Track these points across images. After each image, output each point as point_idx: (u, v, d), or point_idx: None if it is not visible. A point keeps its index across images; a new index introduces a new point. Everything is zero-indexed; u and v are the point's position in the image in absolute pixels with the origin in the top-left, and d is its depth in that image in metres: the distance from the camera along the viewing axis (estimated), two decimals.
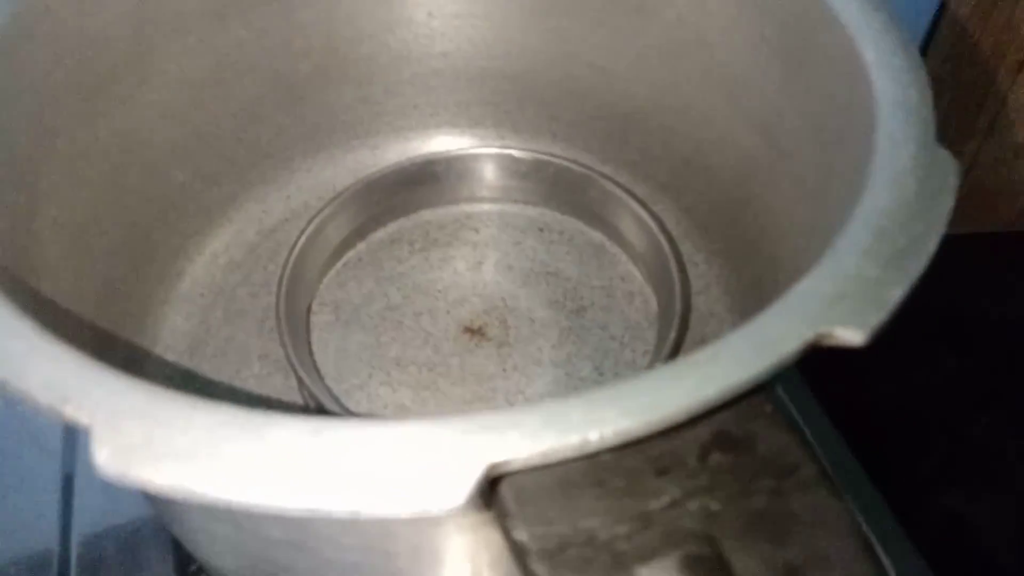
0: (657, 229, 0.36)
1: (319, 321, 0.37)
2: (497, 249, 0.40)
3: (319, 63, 0.38)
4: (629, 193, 0.38)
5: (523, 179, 0.40)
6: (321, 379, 0.35)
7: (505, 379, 0.35)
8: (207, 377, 0.35)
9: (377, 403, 0.35)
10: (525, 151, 0.40)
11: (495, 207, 0.41)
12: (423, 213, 0.41)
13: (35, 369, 0.19)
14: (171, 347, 0.36)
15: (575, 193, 0.40)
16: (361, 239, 0.40)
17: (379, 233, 0.40)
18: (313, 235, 0.36)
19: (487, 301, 0.38)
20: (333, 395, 0.34)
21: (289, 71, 0.38)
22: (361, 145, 0.42)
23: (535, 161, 0.40)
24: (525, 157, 0.40)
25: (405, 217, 0.41)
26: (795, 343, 0.18)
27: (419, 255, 0.39)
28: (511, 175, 0.40)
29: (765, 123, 0.33)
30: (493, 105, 0.42)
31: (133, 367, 0.34)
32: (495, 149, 0.40)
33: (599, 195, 0.39)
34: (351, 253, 0.39)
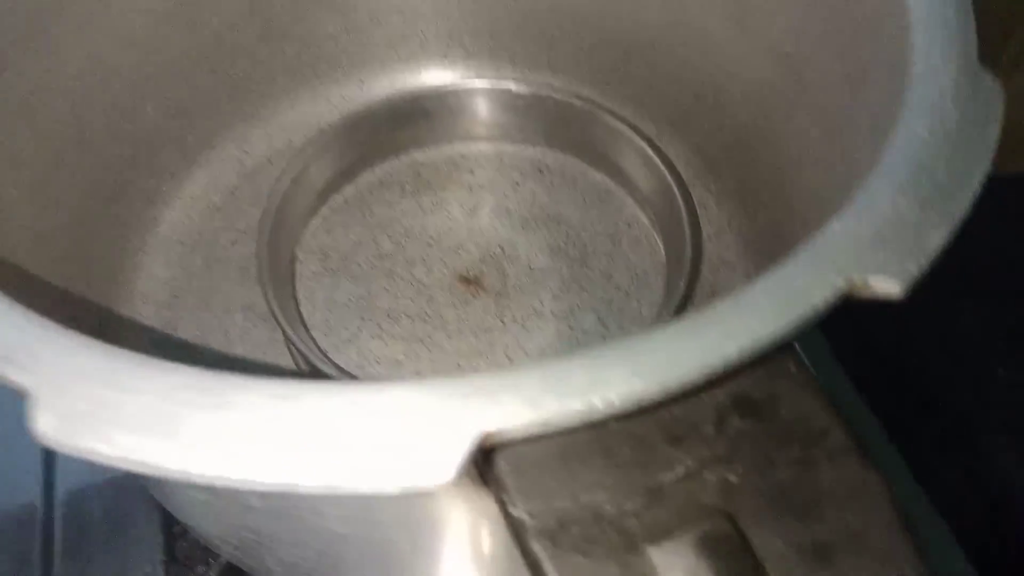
0: (665, 169, 0.34)
1: (305, 270, 0.35)
2: (494, 192, 0.37)
3: None
4: (635, 130, 0.35)
5: (521, 115, 0.38)
6: (308, 333, 0.33)
7: (503, 332, 0.33)
8: (187, 330, 0.33)
9: (368, 357, 0.33)
10: (523, 85, 0.37)
11: (491, 146, 0.39)
12: (414, 153, 0.38)
13: None
14: (149, 297, 0.34)
15: (577, 131, 0.37)
16: (348, 181, 0.37)
17: (367, 175, 0.38)
18: (295, 177, 0.34)
19: (484, 249, 0.36)
20: (321, 350, 0.32)
21: None
22: (347, 79, 0.39)
23: (534, 96, 0.37)
24: (523, 92, 0.37)
25: (395, 157, 0.38)
26: (826, 294, 0.16)
27: (411, 199, 0.37)
28: (508, 111, 0.38)
29: (782, 50, 0.30)
30: (488, 35, 0.39)
31: (106, 319, 0.32)
32: (490, 83, 0.37)
33: (603, 133, 0.36)
34: (337, 197, 0.37)
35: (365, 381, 0.15)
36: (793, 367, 0.17)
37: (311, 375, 0.31)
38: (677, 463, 0.16)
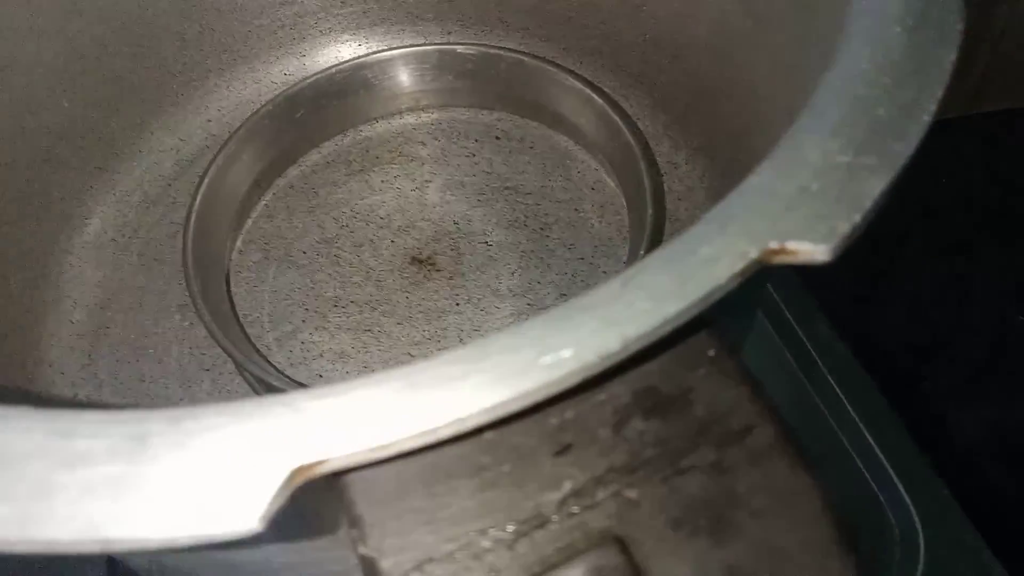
0: (624, 125, 0.31)
1: (246, 261, 0.33)
2: (447, 164, 0.35)
3: None
4: (592, 87, 0.32)
5: (472, 79, 0.35)
6: (244, 331, 0.30)
7: (458, 314, 0.31)
8: (120, 333, 0.31)
9: (312, 351, 0.30)
10: (471, 45, 0.34)
11: (443, 115, 0.36)
12: (361, 128, 0.36)
13: None
14: (79, 302, 0.32)
15: (532, 92, 0.34)
16: (291, 164, 0.35)
17: (312, 155, 0.35)
18: (226, 163, 0.32)
19: (436, 226, 0.33)
20: (252, 345, 0.30)
21: None
22: (286, 54, 0.36)
23: (482, 56, 0.34)
24: (470, 53, 0.34)
25: (341, 135, 0.36)
26: (734, 265, 0.13)
27: (358, 177, 0.35)
28: (457, 75, 0.35)
29: None
30: None
31: (31, 326, 0.30)
32: (435, 46, 0.34)
33: (558, 92, 0.33)
34: (281, 181, 0.35)
35: (173, 409, 0.12)
36: (712, 350, 0.15)
37: (251, 377, 0.29)
38: (565, 479, 0.13)
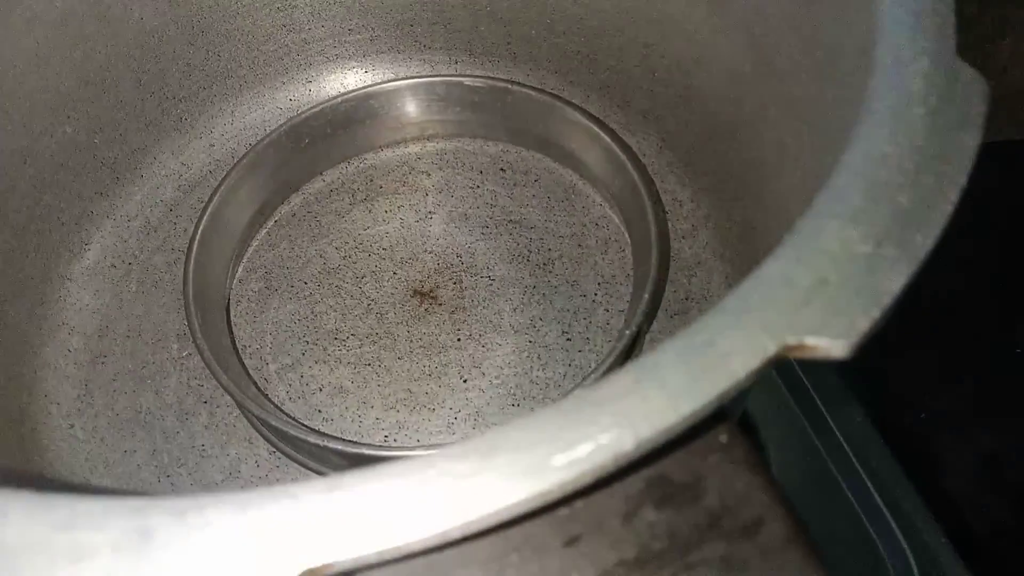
0: (630, 163, 0.31)
1: (247, 291, 0.33)
2: (451, 195, 0.34)
3: None
4: (599, 123, 0.32)
5: (478, 111, 0.35)
6: (243, 365, 0.30)
7: (459, 350, 0.31)
8: (118, 362, 0.31)
9: (311, 385, 0.30)
10: (478, 78, 0.34)
11: (449, 145, 0.36)
12: (365, 157, 0.35)
13: None
14: (77, 329, 0.31)
15: (539, 125, 0.34)
16: (294, 191, 0.35)
17: (315, 183, 0.35)
18: (229, 191, 0.31)
19: (440, 258, 0.33)
20: (251, 379, 0.29)
21: None
22: (292, 80, 0.36)
23: (490, 88, 0.34)
24: (478, 85, 0.34)
25: (345, 163, 0.35)
26: (752, 361, 0.13)
27: (361, 206, 0.34)
28: (464, 107, 0.34)
29: (752, 33, 0.27)
30: (442, 24, 0.36)
31: (26, 354, 0.30)
32: (443, 77, 0.34)
33: (566, 127, 0.33)
34: (283, 209, 0.34)
35: (177, 499, 0.12)
36: (724, 437, 0.14)
37: (250, 413, 0.29)
38: (572, 572, 0.13)
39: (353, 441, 0.27)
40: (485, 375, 0.30)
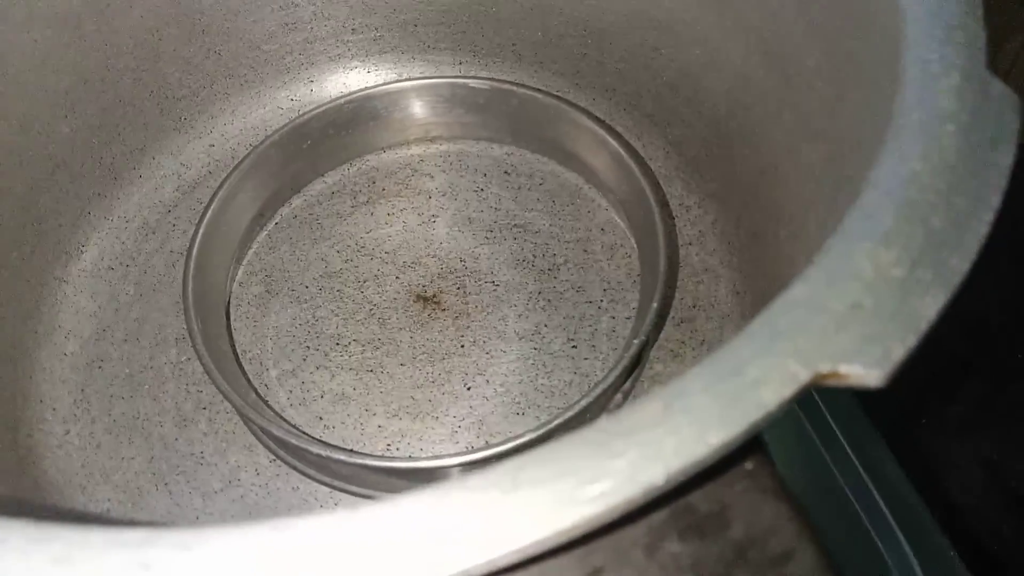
0: (637, 168, 0.30)
1: (247, 294, 0.32)
2: (455, 198, 0.34)
3: None
4: (605, 126, 0.32)
5: (483, 113, 0.34)
6: (242, 370, 0.30)
7: (463, 356, 0.30)
8: (115, 368, 0.30)
9: (312, 391, 0.30)
10: (483, 79, 0.33)
11: (452, 147, 0.35)
12: (368, 158, 0.35)
13: None
14: (73, 333, 0.31)
15: (544, 127, 0.33)
16: (296, 193, 0.34)
17: (317, 185, 0.34)
18: (229, 193, 0.31)
19: (443, 263, 0.32)
20: (251, 385, 0.29)
21: None
22: (293, 80, 0.35)
23: (494, 90, 0.33)
24: (482, 86, 0.33)
25: (347, 164, 0.35)
26: (782, 391, 0.12)
27: (363, 209, 0.34)
28: (468, 109, 0.34)
29: (764, 38, 0.26)
30: (446, 25, 0.35)
31: (22, 358, 0.29)
32: (447, 78, 0.33)
33: (572, 130, 0.33)
34: (284, 210, 0.34)
35: (179, 531, 0.11)
36: (750, 464, 0.14)
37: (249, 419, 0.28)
38: None
39: (356, 452, 0.27)
40: (489, 382, 0.30)
